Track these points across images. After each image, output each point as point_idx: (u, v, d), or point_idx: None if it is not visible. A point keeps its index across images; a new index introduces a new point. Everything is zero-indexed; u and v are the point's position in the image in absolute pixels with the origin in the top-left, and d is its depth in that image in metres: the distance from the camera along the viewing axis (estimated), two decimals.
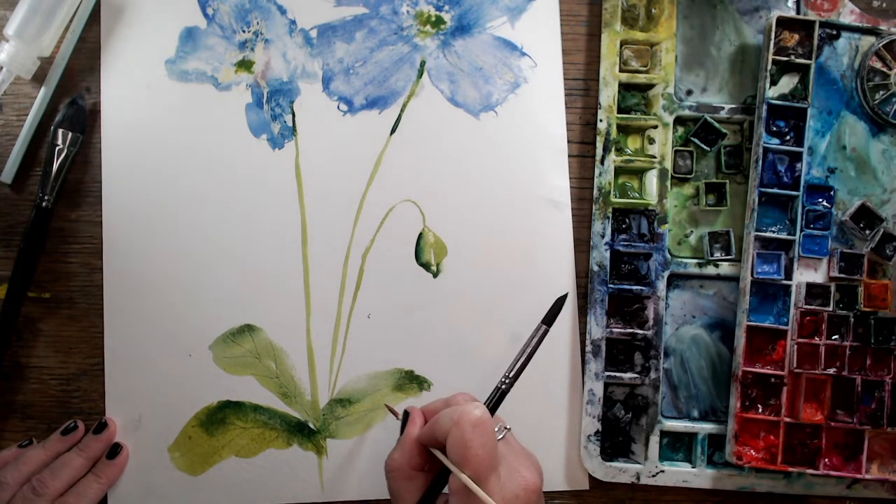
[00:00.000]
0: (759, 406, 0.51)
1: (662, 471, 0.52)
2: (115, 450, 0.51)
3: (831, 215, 0.52)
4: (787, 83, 0.53)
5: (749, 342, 0.52)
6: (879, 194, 0.53)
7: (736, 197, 0.54)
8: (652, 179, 0.54)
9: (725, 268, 0.53)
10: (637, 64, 0.54)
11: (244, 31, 0.54)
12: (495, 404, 0.46)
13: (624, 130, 0.54)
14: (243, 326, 0.53)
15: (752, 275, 0.52)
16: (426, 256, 0.54)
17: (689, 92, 0.55)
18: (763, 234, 0.52)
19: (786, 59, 0.52)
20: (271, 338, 0.53)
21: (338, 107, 0.54)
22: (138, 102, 0.54)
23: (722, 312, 0.54)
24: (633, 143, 0.55)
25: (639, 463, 0.53)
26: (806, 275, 0.52)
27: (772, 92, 0.52)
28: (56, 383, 0.54)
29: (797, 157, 0.52)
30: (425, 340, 0.53)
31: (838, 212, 0.53)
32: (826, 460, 0.51)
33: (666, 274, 0.53)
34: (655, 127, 0.54)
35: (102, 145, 0.54)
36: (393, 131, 0.54)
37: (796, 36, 0.52)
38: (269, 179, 0.54)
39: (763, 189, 0.52)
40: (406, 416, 0.46)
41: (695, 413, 0.54)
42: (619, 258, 0.54)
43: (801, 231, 0.52)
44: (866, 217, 0.52)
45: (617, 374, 0.53)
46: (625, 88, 0.54)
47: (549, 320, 0.47)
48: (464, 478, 0.40)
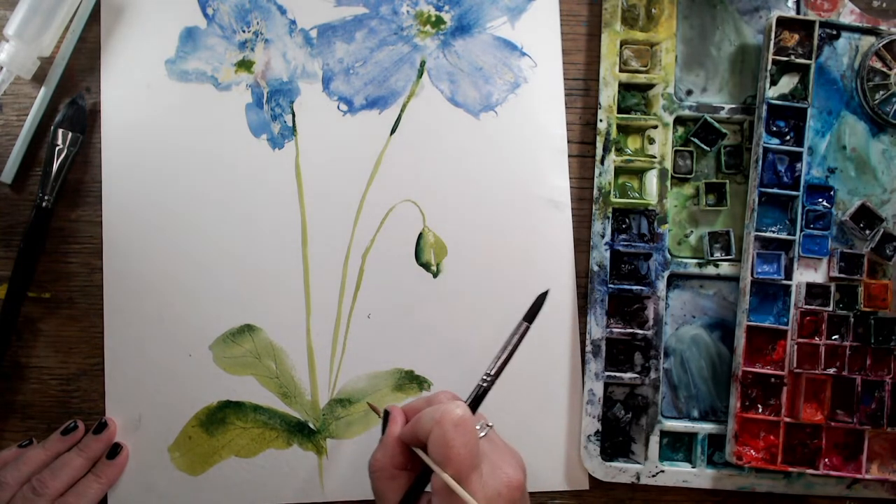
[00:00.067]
0: (759, 406, 0.51)
1: (662, 471, 0.52)
2: (115, 450, 0.51)
3: (831, 215, 0.52)
4: (787, 83, 0.53)
5: (749, 342, 0.52)
6: (879, 194, 0.53)
7: (736, 197, 0.54)
8: (652, 179, 0.54)
9: (725, 268, 0.53)
10: (637, 64, 0.54)
11: (244, 31, 0.54)
12: (476, 402, 0.46)
13: (624, 130, 0.54)
14: (243, 326, 0.53)
15: (752, 275, 0.52)
16: (426, 256, 0.54)
17: (689, 92, 0.55)
18: (763, 234, 0.52)
19: (786, 59, 0.52)
20: (271, 338, 0.53)
21: (338, 107, 0.54)
22: (138, 102, 0.54)
23: (722, 312, 0.54)
24: (633, 143, 0.55)
25: (639, 463, 0.53)
26: (806, 275, 0.52)
27: (772, 92, 0.52)
28: (56, 383, 0.54)
29: (797, 157, 0.52)
30: (425, 340, 0.53)
31: (838, 212, 0.53)
32: (826, 460, 0.51)
33: (666, 274, 0.53)
34: (655, 127, 0.54)
35: (102, 145, 0.54)
36: (393, 131, 0.54)
37: (796, 36, 0.52)
38: (269, 179, 0.54)
39: (763, 189, 0.52)
40: (387, 416, 0.46)
41: (695, 413, 0.54)
42: (619, 258, 0.54)
43: (801, 231, 0.52)
44: (866, 217, 0.52)
45: (617, 374, 0.53)
46: (625, 88, 0.54)
47: (530, 317, 0.47)
48: (445, 477, 0.40)
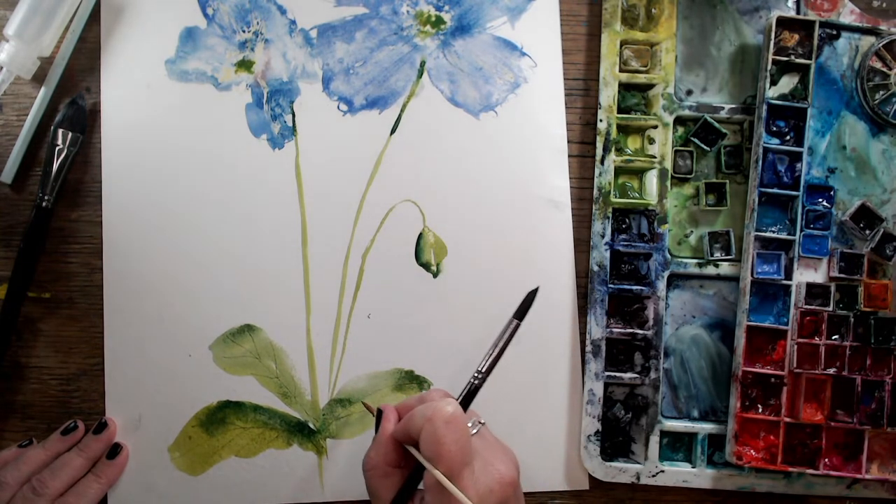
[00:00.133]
0: (759, 406, 0.51)
1: (662, 471, 0.52)
2: (115, 450, 0.51)
3: (831, 215, 0.52)
4: (787, 83, 0.53)
5: (749, 342, 0.52)
6: (879, 194, 0.53)
7: (736, 197, 0.54)
8: (652, 179, 0.54)
9: (725, 268, 0.53)
10: (637, 64, 0.54)
11: (244, 31, 0.54)
12: (468, 400, 0.46)
13: (624, 130, 0.54)
14: (243, 326, 0.53)
15: (752, 275, 0.52)
16: (426, 256, 0.54)
17: (689, 92, 0.55)
18: (763, 234, 0.52)
19: (786, 59, 0.52)
20: (271, 338, 0.53)
21: (338, 107, 0.54)
22: (138, 102, 0.54)
23: (722, 312, 0.54)
24: (633, 143, 0.55)
25: (639, 463, 0.53)
26: (806, 275, 0.52)
27: (772, 92, 0.52)
28: (56, 383, 0.54)
29: (797, 157, 0.52)
30: (425, 340, 0.53)
31: (838, 212, 0.53)
32: (826, 460, 0.51)
33: (666, 274, 0.53)
34: (655, 127, 0.54)
35: (102, 145, 0.54)
36: (393, 131, 0.54)
37: (796, 36, 0.52)
38: (269, 179, 0.54)
39: (763, 189, 0.52)
40: (380, 414, 0.46)
41: (695, 413, 0.54)
42: (619, 258, 0.54)
43: (801, 231, 0.52)
44: (866, 217, 0.52)
45: (617, 374, 0.53)
46: (625, 88, 0.54)
47: (521, 314, 0.47)
48: (436, 473, 0.40)
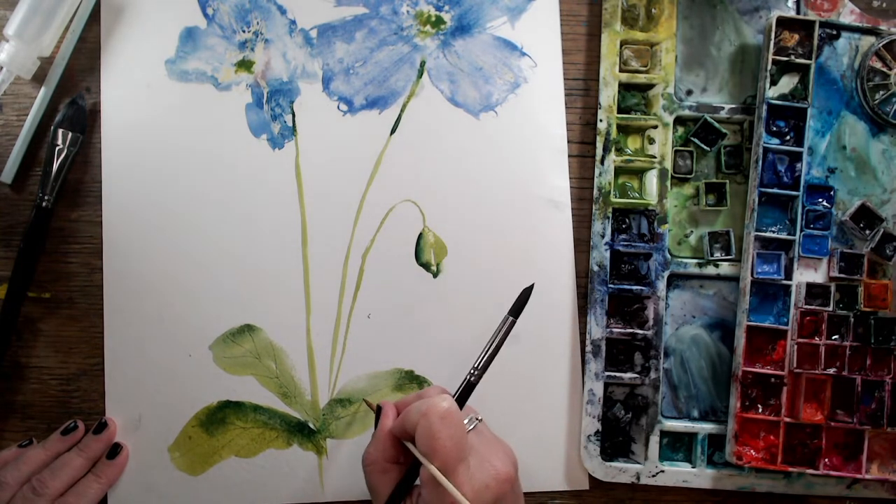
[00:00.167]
0: (759, 406, 0.51)
1: (662, 471, 0.52)
2: (115, 450, 0.51)
3: (831, 215, 0.52)
4: (787, 83, 0.53)
5: (749, 342, 0.52)
6: (879, 194, 0.53)
7: (736, 197, 0.54)
8: (652, 179, 0.54)
9: (725, 268, 0.53)
10: (637, 64, 0.54)
11: (244, 31, 0.54)
12: (464, 396, 0.46)
13: (624, 130, 0.54)
14: (243, 326, 0.53)
15: (752, 275, 0.52)
16: (426, 256, 0.54)
17: (689, 92, 0.55)
18: (763, 234, 0.52)
19: (786, 59, 0.52)
20: (271, 338, 0.53)
21: (338, 107, 0.54)
22: (138, 102, 0.54)
23: (722, 312, 0.54)
24: (633, 143, 0.55)
25: (639, 463, 0.53)
26: (806, 275, 0.52)
27: (772, 92, 0.52)
28: (56, 383, 0.54)
29: (797, 157, 0.52)
30: (425, 340, 0.53)
31: (838, 212, 0.53)
32: (826, 460, 0.51)
33: (666, 274, 0.53)
34: (655, 127, 0.54)
35: (102, 145, 0.54)
36: (393, 131, 0.54)
37: (796, 36, 0.52)
38: (269, 179, 0.54)
39: (763, 189, 0.52)
40: (380, 411, 0.46)
41: (695, 413, 0.54)
42: (619, 258, 0.54)
43: (801, 231, 0.52)
44: (866, 217, 0.52)
45: (617, 374, 0.53)
46: (625, 88, 0.54)
47: (516, 312, 0.48)
48: (431, 468, 0.40)
